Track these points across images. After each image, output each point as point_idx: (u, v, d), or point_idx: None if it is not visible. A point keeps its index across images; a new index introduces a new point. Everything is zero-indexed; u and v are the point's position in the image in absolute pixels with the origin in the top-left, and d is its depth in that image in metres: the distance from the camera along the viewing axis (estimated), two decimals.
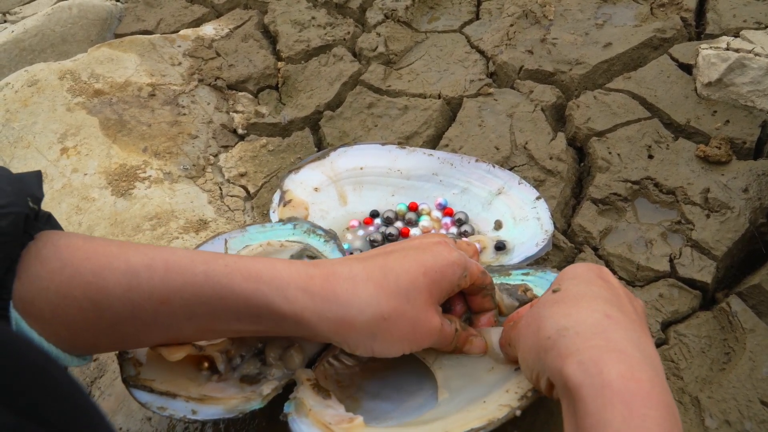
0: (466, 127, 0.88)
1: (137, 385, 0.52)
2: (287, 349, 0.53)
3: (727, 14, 0.96)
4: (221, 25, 1.17)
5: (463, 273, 0.52)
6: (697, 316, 0.67)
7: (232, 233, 0.67)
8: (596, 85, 0.93)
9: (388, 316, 0.47)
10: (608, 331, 0.41)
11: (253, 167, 0.91)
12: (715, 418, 0.58)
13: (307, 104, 0.98)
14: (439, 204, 0.74)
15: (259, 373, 0.53)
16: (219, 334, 0.50)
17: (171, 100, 1.00)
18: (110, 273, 0.44)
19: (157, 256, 0.46)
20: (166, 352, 0.52)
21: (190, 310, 0.46)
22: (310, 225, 0.67)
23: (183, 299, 0.45)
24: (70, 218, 0.83)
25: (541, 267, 0.64)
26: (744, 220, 0.72)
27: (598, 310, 0.43)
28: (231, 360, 0.54)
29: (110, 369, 0.67)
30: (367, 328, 0.47)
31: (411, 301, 0.48)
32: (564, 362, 0.40)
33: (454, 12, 1.13)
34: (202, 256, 0.47)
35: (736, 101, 0.83)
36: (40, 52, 1.14)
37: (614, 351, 0.39)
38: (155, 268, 0.45)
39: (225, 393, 0.52)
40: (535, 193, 0.72)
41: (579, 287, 0.46)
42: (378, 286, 0.48)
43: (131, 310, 0.45)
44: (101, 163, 0.89)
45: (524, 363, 0.47)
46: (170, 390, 0.52)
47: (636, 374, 0.37)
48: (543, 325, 0.44)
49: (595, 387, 0.37)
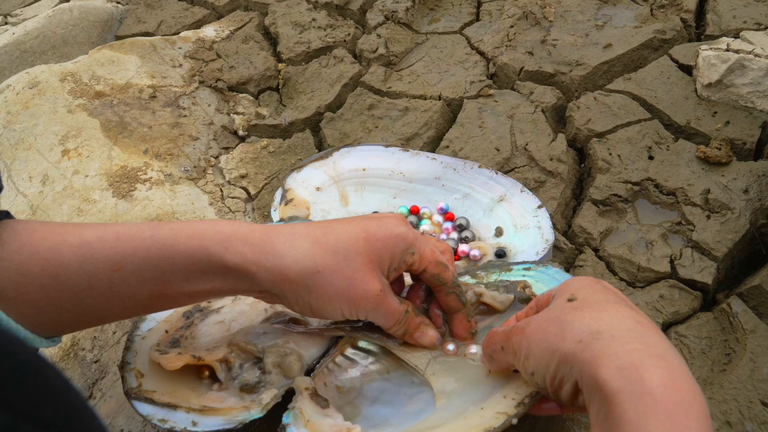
0: (466, 129, 0.88)
1: (139, 397, 0.52)
2: (285, 357, 0.53)
3: (727, 15, 0.96)
4: (222, 27, 1.18)
5: (408, 248, 0.52)
6: (698, 317, 0.67)
7: None
8: (596, 87, 0.93)
9: (322, 269, 0.48)
10: (645, 335, 0.39)
11: (253, 169, 0.91)
12: (716, 419, 0.58)
13: (307, 106, 0.98)
14: (441, 208, 0.74)
15: (259, 381, 0.53)
16: (172, 300, 0.51)
17: (172, 101, 1.00)
18: (66, 248, 0.46)
19: (108, 228, 0.48)
20: (165, 362, 0.53)
21: (142, 274, 0.47)
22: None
23: (134, 264, 0.47)
24: (71, 220, 0.83)
25: (542, 262, 0.63)
26: (744, 221, 0.72)
27: (629, 315, 0.41)
28: (230, 369, 0.54)
29: (111, 371, 0.67)
30: (301, 280, 0.48)
31: (347, 260, 0.49)
32: (599, 366, 0.37)
33: (454, 13, 1.13)
34: (150, 225, 0.49)
35: (737, 102, 0.83)
36: (41, 54, 1.14)
37: (654, 356, 0.37)
38: (106, 238, 0.47)
39: (225, 403, 0.52)
40: (537, 202, 0.72)
41: (597, 295, 0.45)
42: (315, 242, 0.49)
43: (87, 281, 0.46)
44: (102, 164, 0.89)
45: (540, 368, 0.44)
46: (171, 401, 0.52)
47: (678, 382, 0.36)
48: (569, 328, 0.41)
49: (635, 394, 0.35)
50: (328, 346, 0.57)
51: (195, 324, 0.58)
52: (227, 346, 0.55)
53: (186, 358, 0.53)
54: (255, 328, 0.56)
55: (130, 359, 0.55)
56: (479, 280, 0.62)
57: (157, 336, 0.57)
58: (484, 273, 0.63)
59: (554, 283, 0.60)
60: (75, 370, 0.69)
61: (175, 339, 0.56)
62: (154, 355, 0.54)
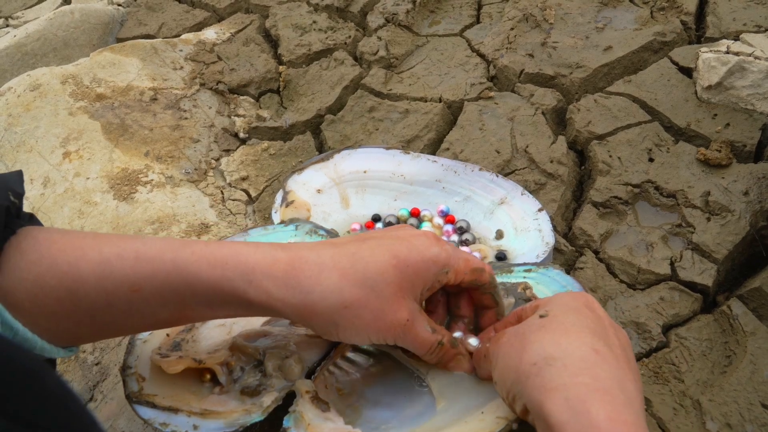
0: (466, 131, 0.89)
1: (140, 401, 0.52)
2: (286, 359, 0.53)
3: (727, 17, 0.96)
4: (223, 29, 1.18)
5: (443, 270, 0.50)
6: (698, 319, 0.67)
7: (234, 237, 0.67)
8: (597, 89, 0.93)
9: (350, 304, 0.47)
10: (595, 368, 0.40)
11: (254, 171, 0.91)
12: (717, 421, 0.58)
13: (308, 108, 0.99)
14: (441, 211, 0.74)
15: (260, 384, 0.53)
16: (194, 319, 0.50)
17: (173, 104, 1.01)
18: (84, 263, 0.45)
19: (128, 246, 0.47)
20: (165, 365, 0.53)
21: (162, 297, 0.47)
22: (312, 226, 0.67)
23: (154, 287, 0.46)
24: (72, 222, 0.83)
25: (543, 263, 0.63)
26: (745, 223, 0.72)
27: (587, 343, 0.42)
28: (232, 372, 0.54)
29: (112, 373, 0.67)
30: (329, 316, 0.47)
31: (376, 291, 0.47)
32: (548, 396, 0.39)
33: (454, 16, 1.13)
34: (171, 245, 0.48)
35: (737, 104, 0.83)
36: (42, 56, 1.15)
37: (601, 390, 0.39)
38: (125, 257, 0.46)
39: (226, 406, 0.52)
40: (537, 205, 0.72)
41: (567, 316, 0.45)
42: (343, 275, 0.47)
43: (106, 299, 0.46)
44: (103, 167, 0.89)
45: (501, 382, 0.46)
46: (172, 405, 0.52)
47: (623, 416, 0.37)
48: (528, 348, 0.43)
49: (581, 427, 0.37)
50: (329, 348, 0.57)
51: (196, 327, 0.58)
52: (228, 349, 0.55)
53: (187, 361, 0.53)
54: (256, 331, 0.57)
55: (131, 363, 0.55)
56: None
57: (159, 339, 0.57)
58: None
59: (555, 284, 0.60)
60: (76, 372, 0.69)
61: (177, 342, 0.56)
62: (155, 358, 0.54)
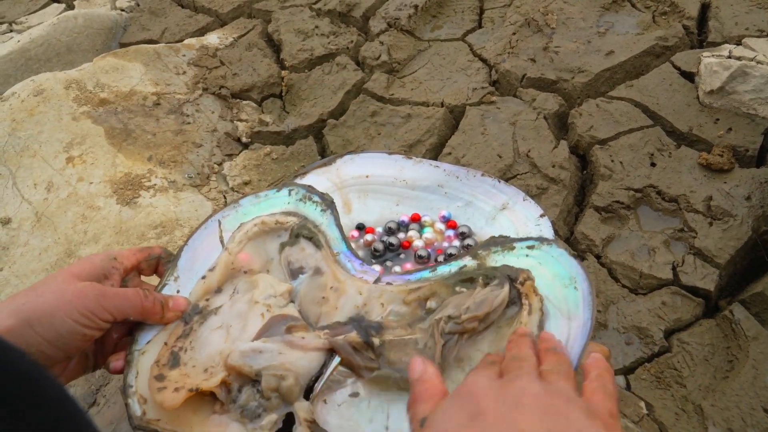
0: (468, 136, 0.89)
1: (144, 428, 0.52)
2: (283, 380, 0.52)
3: (729, 22, 0.96)
4: (225, 34, 1.18)
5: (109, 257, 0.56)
6: (700, 324, 0.67)
7: (224, 211, 0.64)
8: (598, 93, 0.93)
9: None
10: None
11: (257, 175, 0.91)
12: (719, 426, 0.58)
13: (310, 113, 0.99)
14: (443, 216, 0.74)
15: (258, 406, 0.53)
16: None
17: (175, 108, 1.01)
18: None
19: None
20: (161, 401, 0.52)
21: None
22: (305, 191, 0.65)
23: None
24: (75, 227, 0.83)
25: (546, 240, 0.60)
26: (746, 228, 0.72)
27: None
28: (230, 391, 0.53)
29: (115, 377, 0.67)
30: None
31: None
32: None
33: (456, 20, 1.13)
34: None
35: (739, 109, 0.83)
36: (45, 61, 1.15)
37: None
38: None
39: (227, 430, 0.52)
40: (539, 211, 0.71)
41: (499, 410, 0.39)
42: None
43: None
44: (106, 171, 0.89)
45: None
46: (176, 430, 0.52)
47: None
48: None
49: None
50: (326, 358, 0.56)
51: (194, 330, 0.57)
52: (224, 369, 0.54)
53: (183, 394, 0.52)
54: (251, 347, 0.55)
55: (131, 381, 0.54)
56: (480, 260, 0.60)
57: (156, 349, 0.56)
58: (485, 252, 0.60)
59: (558, 266, 0.57)
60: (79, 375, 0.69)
61: (175, 353, 0.55)
62: (154, 393, 0.53)
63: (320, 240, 0.62)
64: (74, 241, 0.82)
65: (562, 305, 0.53)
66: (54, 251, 0.81)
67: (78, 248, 0.81)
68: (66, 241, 0.82)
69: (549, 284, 0.55)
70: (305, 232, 0.62)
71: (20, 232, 0.84)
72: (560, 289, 0.54)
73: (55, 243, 0.82)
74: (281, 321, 0.57)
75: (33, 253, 0.81)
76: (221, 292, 0.60)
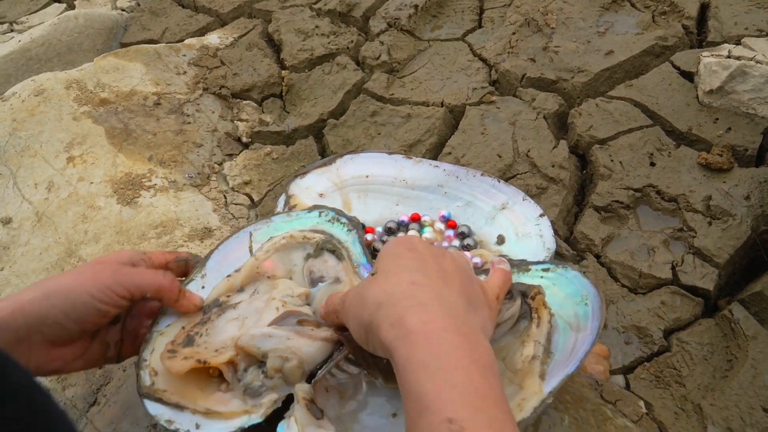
0: (468, 135, 0.89)
1: (150, 396, 0.53)
2: (287, 362, 0.54)
3: (729, 22, 0.96)
4: (226, 34, 1.18)
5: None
6: (700, 324, 0.67)
7: (257, 225, 0.67)
8: (598, 93, 0.93)
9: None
10: (414, 294, 0.46)
11: (257, 175, 0.91)
12: (718, 425, 0.58)
13: (310, 113, 0.99)
14: (443, 216, 0.74)
15: (261, 385, 0.54)
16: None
17: (176, 108, 1.01)
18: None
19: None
20: (169, 366, 0.54)
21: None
22: (335, 213, 0.67)
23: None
24: (76, 226, 0.83)
25: (561, 264, 0.62)
26: (746, 228, 0.72)
27: (405, 279, 0.47)
28: (236, 370, 0.55)
29: (116, 377, 0.67)
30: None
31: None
32: (380, 330, 0.44)
33: (456, 20, 1.14)
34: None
35: (738, 109, 0.83)
36: (46, 61, 1.15)
37: (415, 305, 0.44)
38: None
39: (229, 406, 0.54)
40: (538, 210, 0.72)
41: (388, 264, 0.50)
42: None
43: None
44: (107, 171, 0.90)
45: (357, 337, 0.50)
46: (179, 402, 0.53)
47: (433, 318, 0.43)
48: (365, 302, 0.47)
49: (402, 337, 0.42)
50: (332, 350, 0.57)
51: (212, 320, 0.59)
52: (233, 348, 0.56)
53: (190, 363, 0.54)
54: (261, 332, 0.57)
55: (146, 356, 0.57)
56: None
57: (174, 332, 0.58)
58: None
59: (572, 286, 0.58)
60: (79, 375, 0.69)
61: (190, 336, 0.57)
62: (163, 360, 0.55)
63: (342, 253, 0.64)
64: (75, 241, 0.82)
65: (572, 320, 0.55)
66: (54, 251, 0.81)
67: (78, 248, 0.81)
68: (66, 241, 0.82)
69: (561, 303, 0.57)
70: (329, 246, 0.64)
71: (21, 232, 0.84)
72: (572, 306, 0.56)
73: (55, 243, 0.82)
74: (294, 315, 0.58)
75: (34, 253, 0.82)
76: (243, 291, 0.62)
